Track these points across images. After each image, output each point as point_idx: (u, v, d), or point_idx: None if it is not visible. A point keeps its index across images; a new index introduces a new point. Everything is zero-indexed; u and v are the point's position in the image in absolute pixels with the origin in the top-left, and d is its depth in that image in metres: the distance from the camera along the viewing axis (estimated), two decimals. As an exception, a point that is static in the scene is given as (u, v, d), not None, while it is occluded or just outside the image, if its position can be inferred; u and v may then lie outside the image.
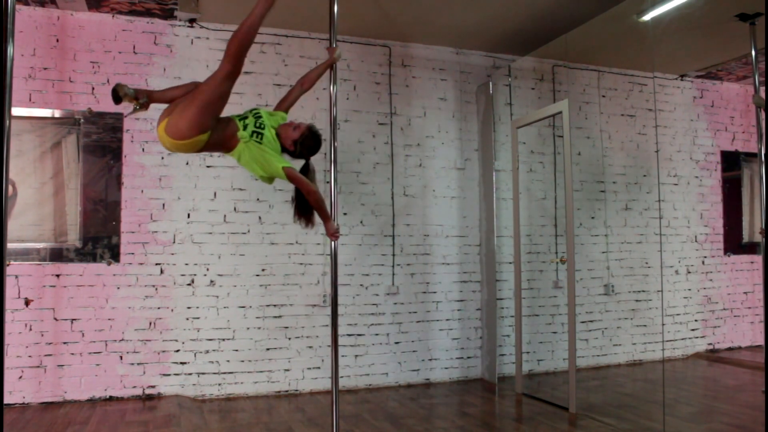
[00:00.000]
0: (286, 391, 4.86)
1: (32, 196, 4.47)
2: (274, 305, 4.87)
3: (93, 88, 4.61)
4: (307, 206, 2.92)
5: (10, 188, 4.37)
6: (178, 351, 4.64)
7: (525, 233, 5.33)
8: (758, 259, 5.16)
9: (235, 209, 4.84)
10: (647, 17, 4.20)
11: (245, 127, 2.80)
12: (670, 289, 5.50)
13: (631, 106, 5.80)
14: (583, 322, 5.41)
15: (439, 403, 4.62)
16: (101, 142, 4.60)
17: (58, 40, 4.56)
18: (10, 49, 1.51)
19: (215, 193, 4.81)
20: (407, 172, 5.32)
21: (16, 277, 4.37)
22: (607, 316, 5.57)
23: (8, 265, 4.04)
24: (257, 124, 2.83)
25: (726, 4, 4.09)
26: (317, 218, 2.97)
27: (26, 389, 4.34)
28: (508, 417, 4.30)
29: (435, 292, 5.34)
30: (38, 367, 4.38)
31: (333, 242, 3.10)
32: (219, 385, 4.71)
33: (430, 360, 5.28)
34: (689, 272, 5.54)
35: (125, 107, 3.46)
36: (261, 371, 4.81)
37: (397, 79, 5.33)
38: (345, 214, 5.08)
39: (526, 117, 5.09)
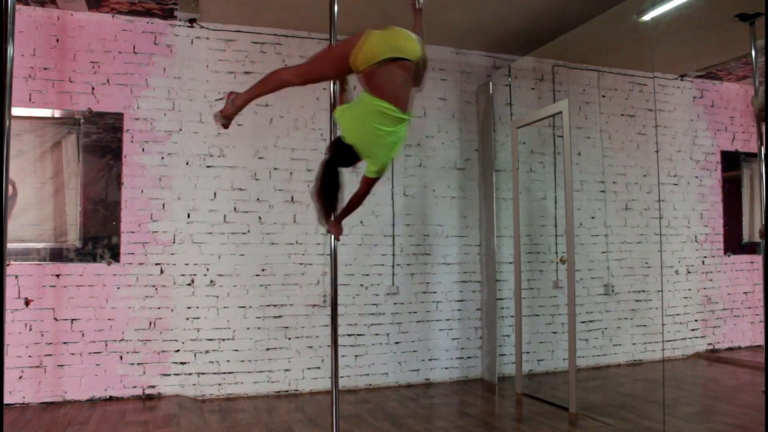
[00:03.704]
0: (286, 391, 4.86)
1: (32, 196, 4.47)
2: (274, 305, 4.87)
3: (93, 88, 4.60)
4: (336, 199, 2.78)
5: (10, 188, 4.37)
6: (178, 351, 4.64)
7: (525, 233, 5.33)
8: (758, 259, 5.16)
9: (235, 209, 4.84)
10: (647, 17, 4.20)
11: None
12: (670, 289, 5.49)
13: (631, 106, 5.80)
14: (583, 322, 5.41)
15: (439, 403, 4.62)
16: (101, 142, 4.60)
17: (58, 40, 4.56)
18: (10, 49, 1.51)
19: (215, 193, 4.81)
20: (407, 172, 5.32)
21: (16, 277, 4.37)
22: (607, 316, 5.57)
23: (8, 265, 4.04)
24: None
25: (726, 4, 4.09)
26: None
27: (26, 389, 4.34)
28: (508, 417, 4.30)
29: (435, 292, 5.34)
30: (38, 367, 4.38)
31: (333, 242, 3.10)
32: (219, 385, 4.71)
33: (430, 360, 5.28)
34: (689, 272, 5.54)
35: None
36: (261, 371, 4.81)
37: (397, 79, 5.32)
38: (345, 214, 5.07)
39: (526, 117, 5.09)
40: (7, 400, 4.22)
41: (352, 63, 2.53)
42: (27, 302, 4.38)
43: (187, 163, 4.76)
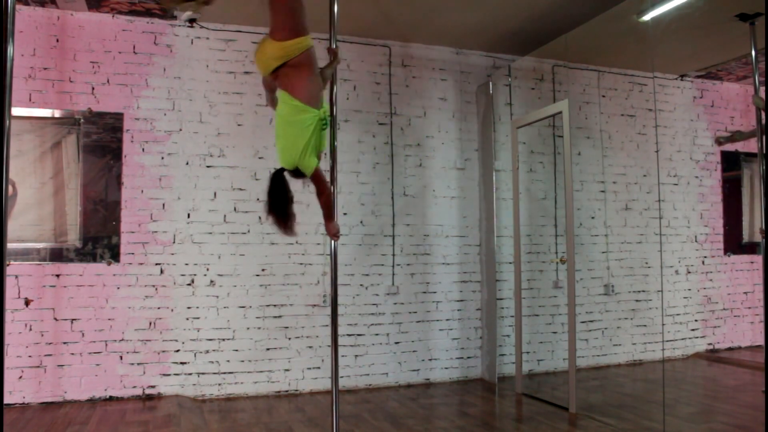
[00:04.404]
0: (286, 391, 4.86)
1: (32, 196, 4.47)
2: (274, 305, 4.87)
3: (93, 88, 4.61)
4: (285, 211, 2.86)
5: (10, 188, 4.37)
6: (178, 351, 4.64)
7: (525, 233, 5.33)
8: (758, 259, 5.16)
9: (235, 209, 4.84)
10: (647, 17, 4.20)
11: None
12: (670, 289, 5.50)
13: (631, 106, 5.80)
14: (583, 322, 5.41)
15: (439, 403, 4.62)
16: (101, 142, 4.60)
17: (58, 40, 4.56)
18: (10, 49, 1.51)
19: (215, 193, 4.81)
20: (407, 172, 5.32)
21: (16, 277, 4.37)
22: (607, 316, 5.57)
23: (8, 265, 4.04)
24: (325, 120, 2.86)
25: (726, 4, 4.09)
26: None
27: (26, 389, 4.34)
28: (508, 417, 4.30)
29: (435, 292, 5.34)
30: (38, 367, 4.38)
31: (333, 242, 3.11)
32: (219, 385, 4.71)
33: (430, 360, 5.28)
34: (689, 272, 5.54)
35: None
36: (261, 371, 4.81)
37: (397, 79, 5.33)
38: (345, 214, 5.07)
39: (526, 117, 5.09)
40: (7, 400, 4.22)
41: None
42: (27, 302, 4.38)
43: (187, 163, 4.76)
